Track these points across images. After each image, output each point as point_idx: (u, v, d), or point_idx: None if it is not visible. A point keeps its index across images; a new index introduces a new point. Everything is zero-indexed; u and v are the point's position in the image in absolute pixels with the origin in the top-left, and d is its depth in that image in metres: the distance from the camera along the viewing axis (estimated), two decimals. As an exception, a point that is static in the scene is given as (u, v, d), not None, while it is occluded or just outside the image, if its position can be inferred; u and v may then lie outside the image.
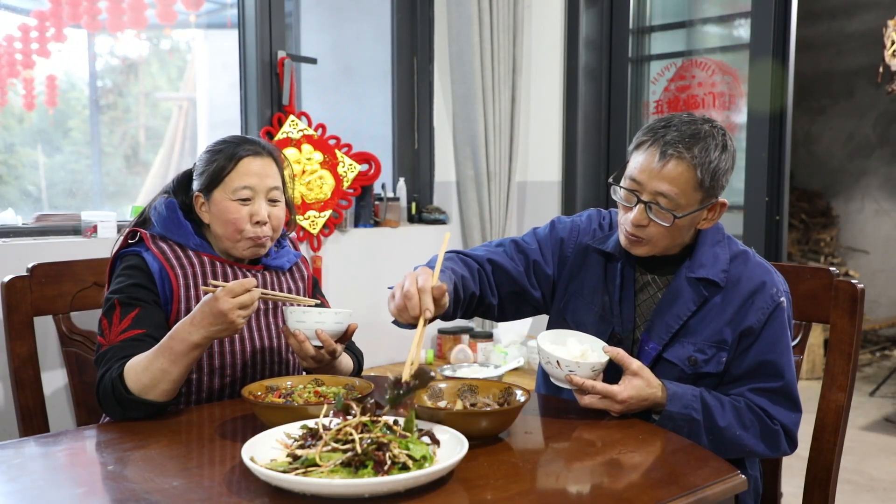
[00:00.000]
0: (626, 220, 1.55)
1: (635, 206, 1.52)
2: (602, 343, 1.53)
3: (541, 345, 1.49)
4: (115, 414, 1.48)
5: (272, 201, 1.67)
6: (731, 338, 1.54)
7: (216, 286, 1.45)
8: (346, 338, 1.62)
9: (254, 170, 1.65)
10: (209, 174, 1.66)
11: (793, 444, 1.55)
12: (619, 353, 1.47)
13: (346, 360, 1.74)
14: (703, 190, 1.50)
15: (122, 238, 1.68)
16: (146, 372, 1.44)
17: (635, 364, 1.46)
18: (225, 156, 1.66)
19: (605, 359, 1.47)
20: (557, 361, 1.45)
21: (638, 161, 1.52)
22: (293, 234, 2.85)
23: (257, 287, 1.48)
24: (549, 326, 1.74)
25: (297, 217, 2.90)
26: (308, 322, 1.55)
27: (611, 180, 1.58)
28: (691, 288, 1.56)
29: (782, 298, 1.55)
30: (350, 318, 1.61)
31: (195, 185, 1.70)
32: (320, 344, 1.56)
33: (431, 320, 1.38)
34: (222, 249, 1.69)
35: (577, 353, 1.50)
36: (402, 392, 1.20)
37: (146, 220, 1.71)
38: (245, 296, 1.44)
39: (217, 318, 1.42)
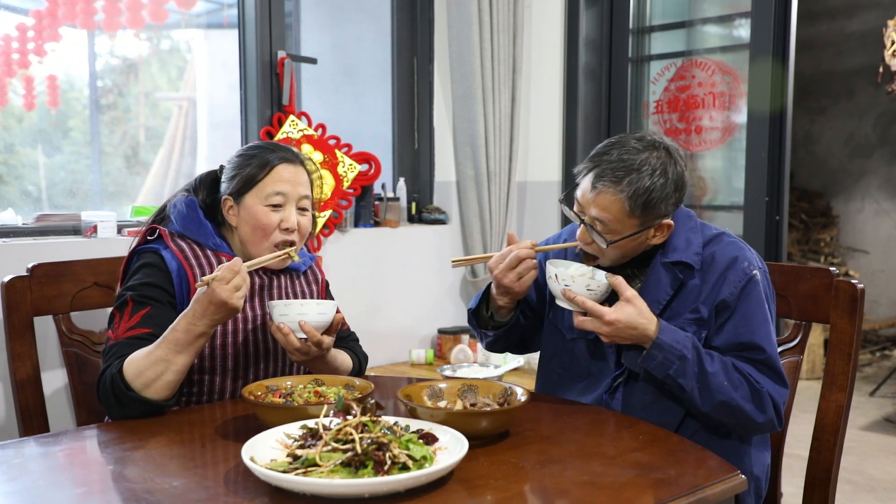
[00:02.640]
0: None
1: (579, 225, 1.58)
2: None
3: (548, 263, 1.54)
4: (113, 411, 1.48)
5: (301, 209, 1.68)
6: (708, 313, 1.56)
7: (205, 282, 1.45)
8: (332, 329, 1.61)
9: (287, 177, 1.66)
10: (242, 178, 1.65)
11: (779, 417, 1.53)
12: (618, 280, 1.50)
13: (343, 358, 1.74)
14: (636, 217, 1.53)
15: (140, 234, 1.68)
16: (148, 365, 1.44)
17: (629, 292, 1.49)
18: (259, 161, 1.66)
19: (602, 280, 1.50)
20: (556, 276, 1.50)
21: (580, 186, 1.59)
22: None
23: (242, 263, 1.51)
24: (544, 332, 1.78)
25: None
26: (291, 315, 1.55)
27: (561, 199, 1.65)
28: (667, 273, 1.59)
29: (755, 271, 1.56)
30: (334, 308, 1.60)
31: (224, 187, 1.69)
32: (305, 336, 1.56)
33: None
34: (244, 254, 1.68)
35: (579, 273, 1.53)
36: None
37: (165, 218, 1.70)
38: (237, 278, 1.47)
39: (219, 308, 1.45)
